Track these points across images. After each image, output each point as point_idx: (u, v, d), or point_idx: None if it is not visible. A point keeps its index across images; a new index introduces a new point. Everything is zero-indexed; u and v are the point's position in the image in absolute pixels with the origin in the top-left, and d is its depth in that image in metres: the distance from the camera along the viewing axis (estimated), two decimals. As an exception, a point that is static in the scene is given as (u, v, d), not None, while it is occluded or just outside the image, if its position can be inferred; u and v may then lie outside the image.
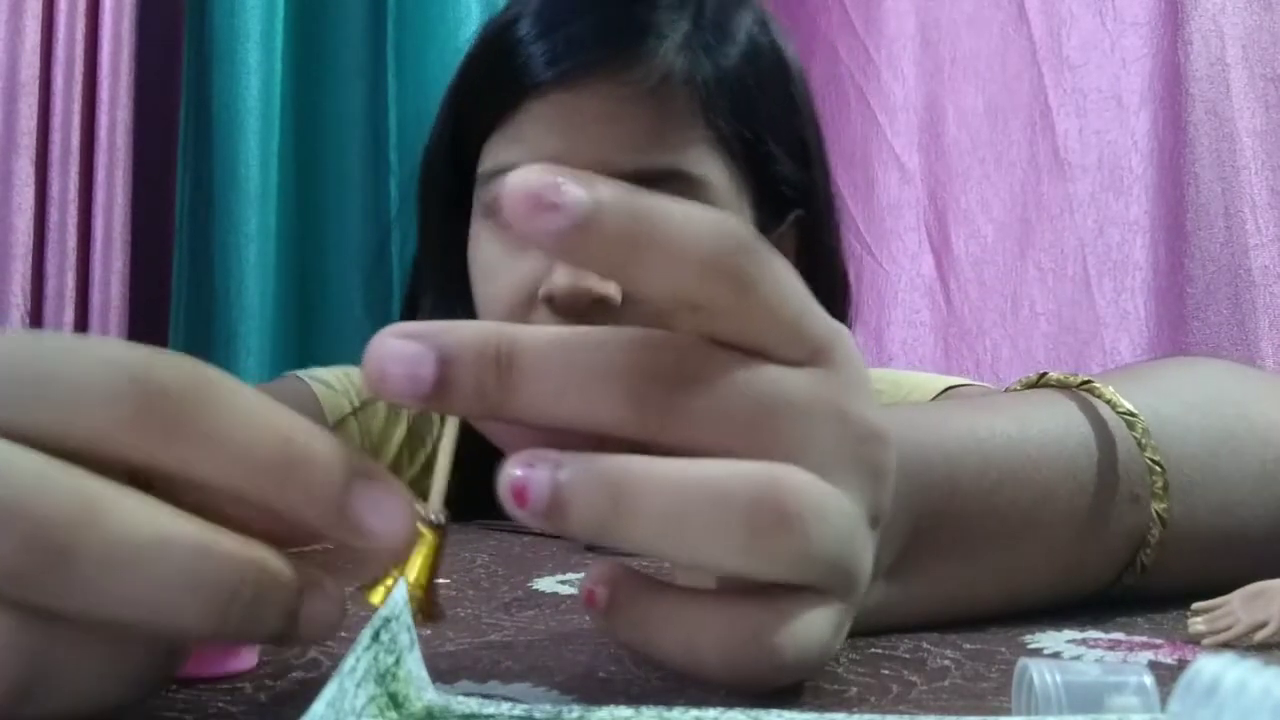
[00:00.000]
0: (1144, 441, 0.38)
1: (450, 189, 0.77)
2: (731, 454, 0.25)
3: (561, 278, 0.66)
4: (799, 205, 0.77)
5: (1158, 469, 0.38)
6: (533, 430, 0.25)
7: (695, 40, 0.71)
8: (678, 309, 0.26)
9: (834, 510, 0.26)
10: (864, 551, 0.27)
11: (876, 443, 0.27)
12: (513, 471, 0.24)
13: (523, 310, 0.70)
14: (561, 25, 0.70)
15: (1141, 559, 0.39)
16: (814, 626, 0.26)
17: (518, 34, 0.71)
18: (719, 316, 0.26)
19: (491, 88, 0.72)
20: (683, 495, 0.24)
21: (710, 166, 0.71)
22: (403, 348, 0.25)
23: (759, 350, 0.26)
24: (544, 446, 0.25)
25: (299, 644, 0.27)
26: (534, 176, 0.24)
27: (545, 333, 0.25)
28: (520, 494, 0.24)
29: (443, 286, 0.77)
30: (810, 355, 0.26)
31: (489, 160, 0.73)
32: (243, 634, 0.23)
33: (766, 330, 0.26)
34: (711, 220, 0.25)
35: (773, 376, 0.26)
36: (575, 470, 0.24)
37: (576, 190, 0.24)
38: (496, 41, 0.73)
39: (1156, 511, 0.38)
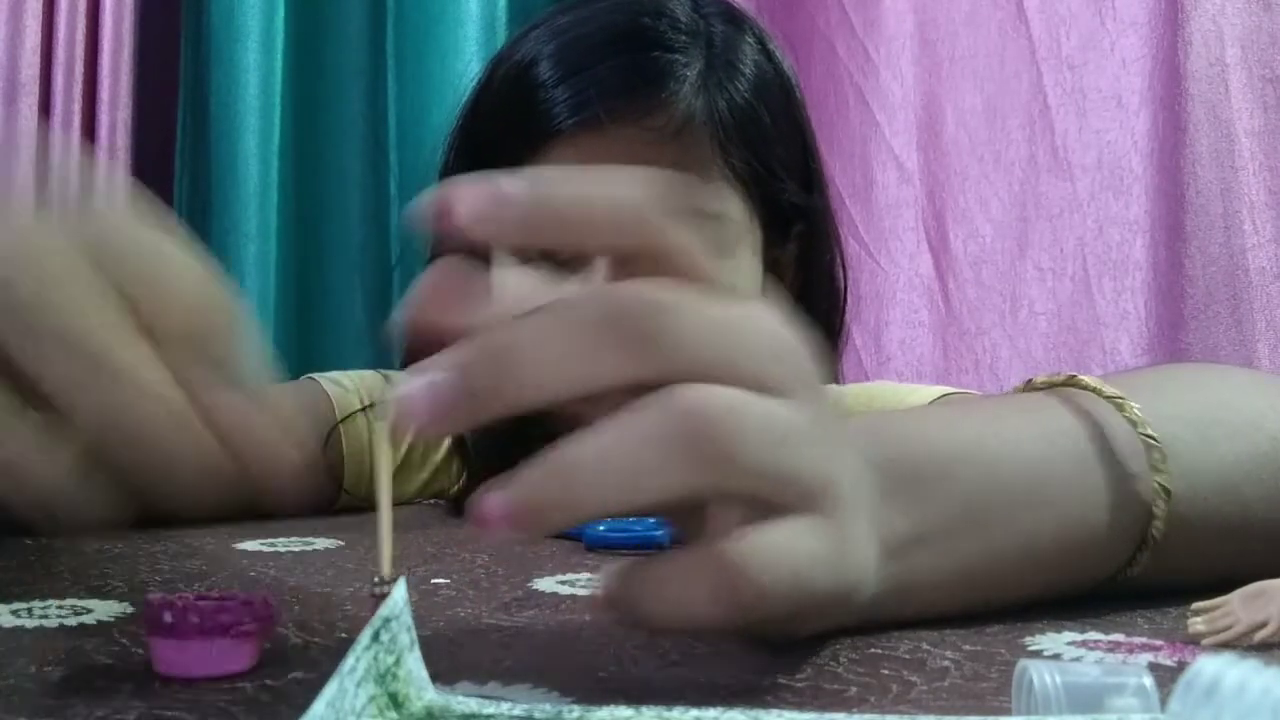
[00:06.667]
0: (1135, 418, 0.39)
1: None
2: (714, 374, 0.28)
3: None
4: (801, 222, 0.81)
5: (1154, 442, 0.39)
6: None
7: (709, 80, 0.74)
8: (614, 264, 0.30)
9: (755, 410, 0.28)
10: (810, 455, 0.29)
11: (803, 357, 0.30)
12: (476, 502, 0.26)
13: None
14: (583, 69, 0.72)
15: (1152, 533, 0.39)
16: (780, 547, 0.28)
17: (538, 77, 0.73)
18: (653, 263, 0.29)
19: (514, 130, 0.74)
20: (620, 444, 0.27)
21: (727, 201, 0.75)
22: (420, 382, 0.27)
23: None
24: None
25: None
26: (474, 185, 0.27)
27: (528, 315, 0.28)
28: (486, 519, 0.26)
29: None
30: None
31: None
32: None
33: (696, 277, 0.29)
34: (633, 181, 0.28)
35: (714, 300, 0.29)
36: (525, 477, 0.26)
37: (518, 183, 0.27)
38: (515, 84, 0.75)
39: (1159, 484, 0.38)
